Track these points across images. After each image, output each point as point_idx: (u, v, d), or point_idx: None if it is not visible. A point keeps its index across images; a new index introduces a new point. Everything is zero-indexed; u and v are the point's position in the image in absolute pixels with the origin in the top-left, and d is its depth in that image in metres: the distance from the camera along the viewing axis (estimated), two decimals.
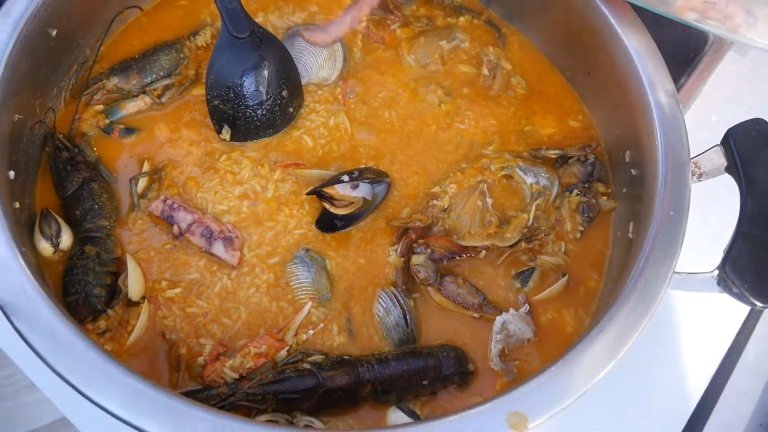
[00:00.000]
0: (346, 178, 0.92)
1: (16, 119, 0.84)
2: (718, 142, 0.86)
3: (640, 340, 1.02)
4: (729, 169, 0.84)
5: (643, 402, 1.01)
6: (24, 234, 0.82)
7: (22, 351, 0.92)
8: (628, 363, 0.99)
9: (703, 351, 1.05)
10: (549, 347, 0.89)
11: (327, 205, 0.92)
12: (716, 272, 0.77)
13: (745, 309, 1.09)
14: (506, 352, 0.88)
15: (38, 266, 0.81)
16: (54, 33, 0.89)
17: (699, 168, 0.88)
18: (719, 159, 0.86)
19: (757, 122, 0.85)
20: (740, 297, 0.75)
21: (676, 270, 0.79)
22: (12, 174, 0.80)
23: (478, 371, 0.87)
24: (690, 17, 0.87)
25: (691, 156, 0.87)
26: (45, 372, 0.91)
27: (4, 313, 0.67)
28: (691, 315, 1.07)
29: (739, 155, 0.82)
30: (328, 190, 0.92)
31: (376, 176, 0.96)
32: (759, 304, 0.74)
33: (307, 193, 0.93)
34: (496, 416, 0.67)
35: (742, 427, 1.00)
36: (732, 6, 0.82)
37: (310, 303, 0.87)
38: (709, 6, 0.84)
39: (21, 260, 0.71)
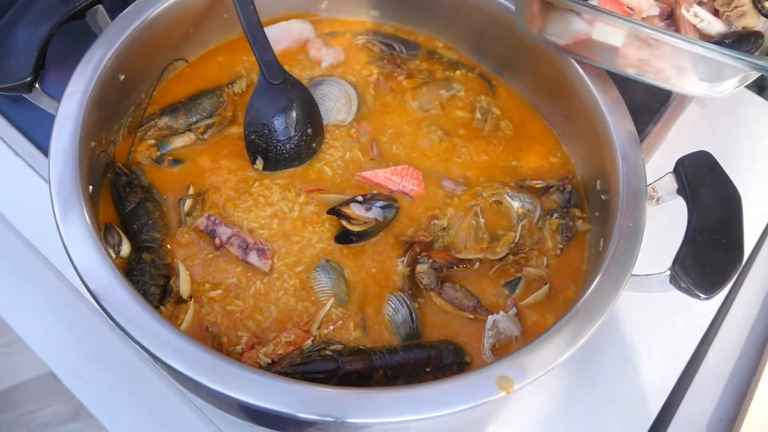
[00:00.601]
0: (360, 198, 1.10)
1: (92, 145, 1.01)
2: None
3: (612, 349, 1.19)
4: (679, 191, 1.01)
5: (614, 403, 1.15)
6: None
7: (75, 379, 1.09)
8: (602, 373, 1.16)
9: (669, 358, 1.20)
10: None
11: (344, 222, 1.08)
12: (668, 272, 0.92)
13: (706, 321, 1.24)
14: (497, 347, 1.02)
15: None
16: (122, 78, 1.07)
17: (656, 192, 1.05)
18: (672, 184, 1.03)
19: (701, 153, 1.03)
20: (687, 291, 0.90)
21: (634, 273, 0.95)
22: (90, 188, 0.97)
23: (473, 363, 1.02)
24: (630, 71, 1.06)
25: (649, 182, 1.04)
26: (99, 397, 1.07)
27: (97, 302, 0.82)
28: (656, 327, 1.22)
29: (686, 179, 1.00)
30: (345, 209, 1.09)
31: (386, 201, 1.12)
32: (702, 296, 0.89)
33: (327, 212, 1.10)
34: (487, 380, 0.81)
35: (705, 421, 1.14)
36: (662, 62, 1.01)
37: (332, 299, 1.02)
38: (644, 62, 1.02)
39: (108, 261, 0.86)
